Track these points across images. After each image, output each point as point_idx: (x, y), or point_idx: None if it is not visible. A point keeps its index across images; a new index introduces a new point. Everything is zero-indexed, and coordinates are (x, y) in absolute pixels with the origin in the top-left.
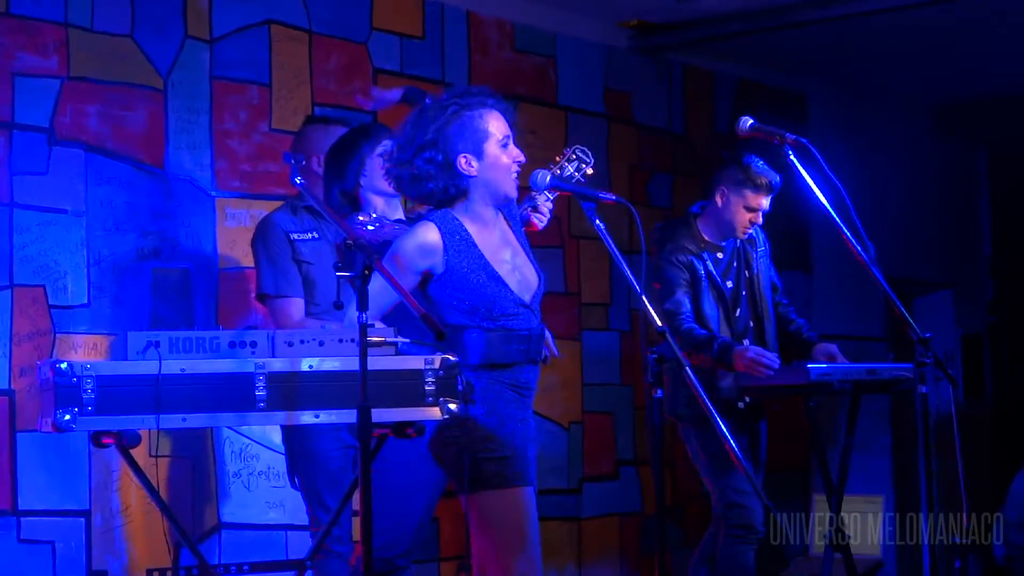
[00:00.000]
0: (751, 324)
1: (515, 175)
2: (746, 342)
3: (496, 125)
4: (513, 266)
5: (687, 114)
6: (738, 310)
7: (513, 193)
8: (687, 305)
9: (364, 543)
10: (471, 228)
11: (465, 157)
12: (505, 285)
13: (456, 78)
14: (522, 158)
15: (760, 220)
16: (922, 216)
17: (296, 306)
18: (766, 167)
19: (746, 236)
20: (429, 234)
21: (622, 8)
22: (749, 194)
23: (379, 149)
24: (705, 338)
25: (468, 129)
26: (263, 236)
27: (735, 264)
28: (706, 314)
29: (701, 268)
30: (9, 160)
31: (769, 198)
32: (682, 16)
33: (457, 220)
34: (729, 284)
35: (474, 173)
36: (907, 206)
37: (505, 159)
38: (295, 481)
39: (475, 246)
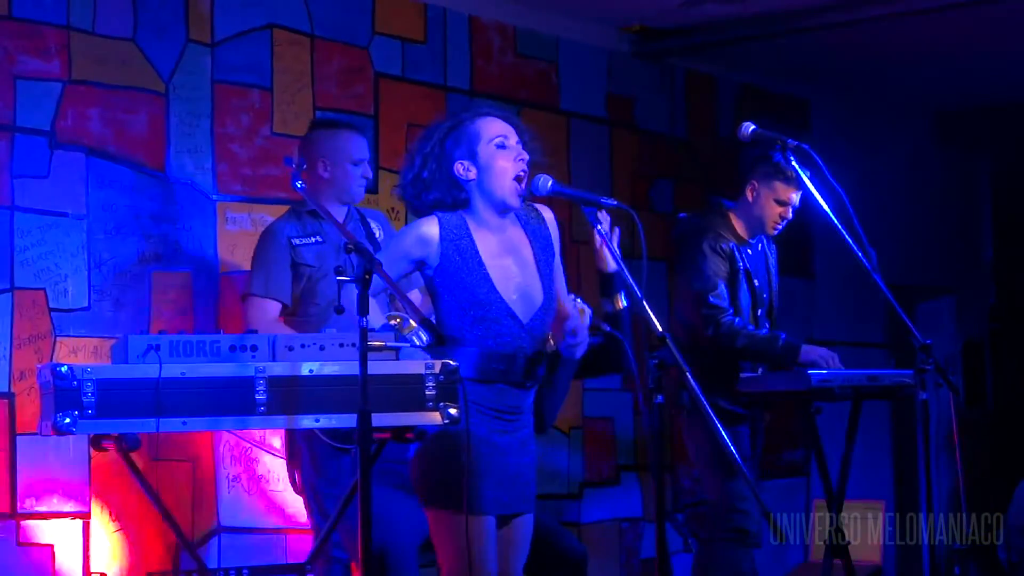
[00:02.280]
0: (767, 326)
1: (519, 177)
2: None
3: (487, 127)
4: (511, 274)
5: (690, 119)
6: (760, 310)
7: (512, 199)
8: (729, 299)
9: (363, 547)
10: (474, 230)
11: (462, 164)
12: (494, 289)
13: (458, 83)
14: (525, 155)
15: (790, 216)
16: (924, 222)
17: (272, 307)
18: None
19: (775, 232)
20: (429, 227)
21: (625, 13)
22: (780, 186)
23: None
24: (768, 336)
25: (462, 136)
26: (263, 242)
27: (760, 266)
28: (740, 305)
29: (739, 260)
30: (10, 163)
31: (799, 193)
32: (685, 21)
33: (463, 219)
34: (756, 283)
35: (472, 178)
36: (909, 212)
37: (500, 161)
38: (296, 485)
39: (474, 245)
